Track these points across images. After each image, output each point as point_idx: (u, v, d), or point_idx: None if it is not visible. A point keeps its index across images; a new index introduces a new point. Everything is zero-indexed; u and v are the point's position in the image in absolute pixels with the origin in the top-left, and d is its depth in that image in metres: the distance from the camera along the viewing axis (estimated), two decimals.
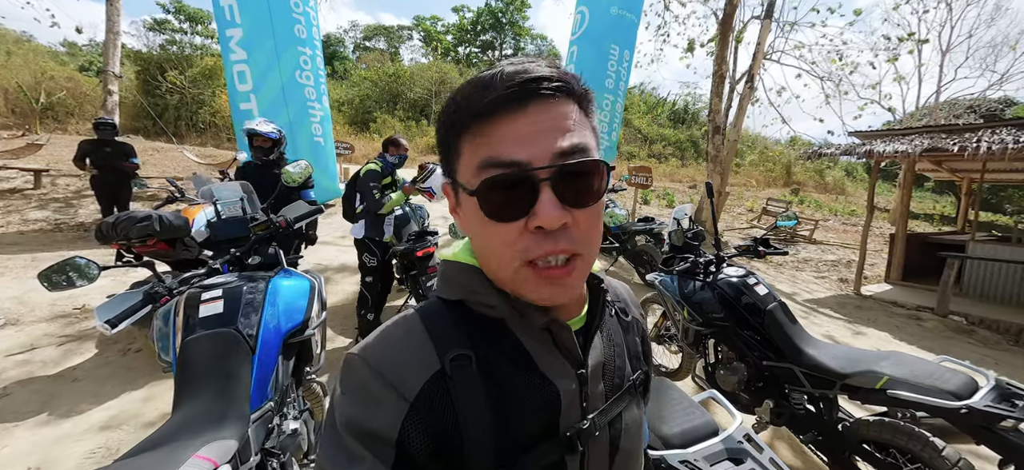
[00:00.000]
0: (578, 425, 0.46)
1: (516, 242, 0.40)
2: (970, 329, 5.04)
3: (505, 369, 0.44)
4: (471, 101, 0.41)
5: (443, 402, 0.41)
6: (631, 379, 0.54)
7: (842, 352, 1.87)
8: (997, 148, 4.70)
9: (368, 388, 0.41)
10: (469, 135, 0.41)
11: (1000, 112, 21.14)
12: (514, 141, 0.39)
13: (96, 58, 28.10)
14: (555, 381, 0.46)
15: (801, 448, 2.25)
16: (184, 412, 1.10)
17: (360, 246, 3.18)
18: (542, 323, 0.45)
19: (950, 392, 1.50)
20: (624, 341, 0.55)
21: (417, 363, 0.42)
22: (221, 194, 1.75)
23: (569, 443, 0.45)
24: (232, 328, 1.31)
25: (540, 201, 0.39)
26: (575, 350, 0.47)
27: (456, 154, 0.44)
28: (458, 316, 0.47)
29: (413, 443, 0.40)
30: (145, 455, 0.90)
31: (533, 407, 0.44)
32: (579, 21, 7.70)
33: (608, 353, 0.52)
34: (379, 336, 0.46)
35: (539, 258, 0.40)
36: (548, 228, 0.39)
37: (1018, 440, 1.41)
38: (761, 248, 2.39)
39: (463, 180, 0.43)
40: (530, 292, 0.43)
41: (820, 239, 10.71)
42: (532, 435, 0.44)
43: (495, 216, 0.40)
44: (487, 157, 0.40)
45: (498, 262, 0.43)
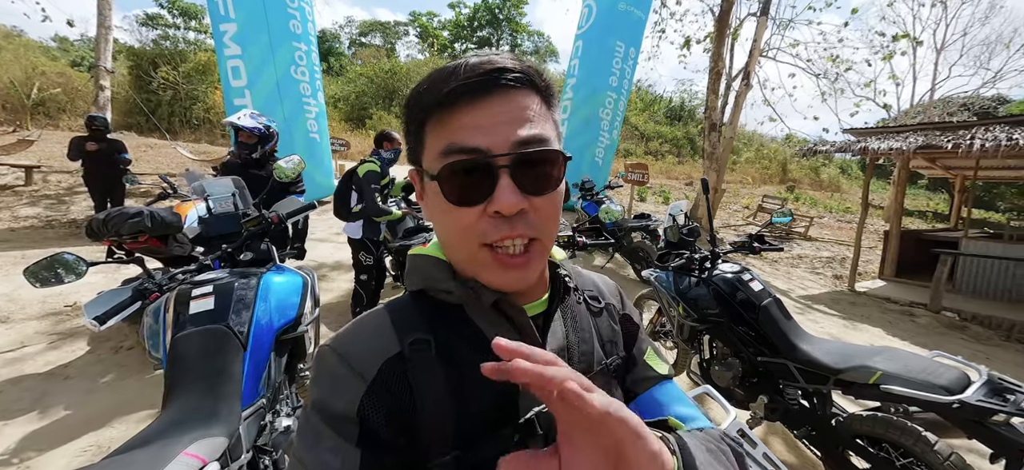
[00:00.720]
0: (538, 409, 0.46)
1: (475, 225, 0.42)
2: (963, 325, 5.08)
3: (463, 352, 0.46)
4: (434, 90, 0.42)
5: (400, 382, 0.43)
6: (603, 363, 0.55)
7: (836, 348, 1.88)
8: (990, 146, 4.73)
9: (333, 372, 0.44)
10: (432, 123, 0.43)
11: (993, 110, 21.30)
12: (475, 129, 0.41)
13: (88, 53, 27.78)
14: None
15: (795, 443, 2.26)
16: (174, 409, 1.09)
17: (357, 245, 3.14)
18: (491, 299, 0.47)
19: (942, 387, 1.51)
20: (594, 326, 0.56)
21: (377, 347, 0.45)
22: (213, 189, 1.73)
23: (528, 427, 0.45)
24: (223, 324, 1.29)
25: (499, 187, 0.41)
26: (533, 334, 0.49)
27: (420, 142, 0.45)
28: (420, 305, 0.49)
29: (372, 420, 0.41)
30: (133, 452, 0.89)
31: (490, 390, 0.43)
32: (586, 16, 7.64)
33: (572, 338, 0.52)
34: (349, 327, 0.48)
35: (496, 242, 0.42)
36: (506, 213, 0.41)
37: (1009, 434, 1.42)
38: (756, 244, 2.40)
39: (426, 166, 0.44)
40: (488, 275, 0.45)
41: (815, 236, 10.76)
42: (492, 418, 0.45)
43: (455, 201, 0.42)
44: (448, 144, 0.42)
45: (458, 245, 0.45)
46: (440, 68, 0.43)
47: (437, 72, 0.43)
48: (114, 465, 0.83)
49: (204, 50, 20.24)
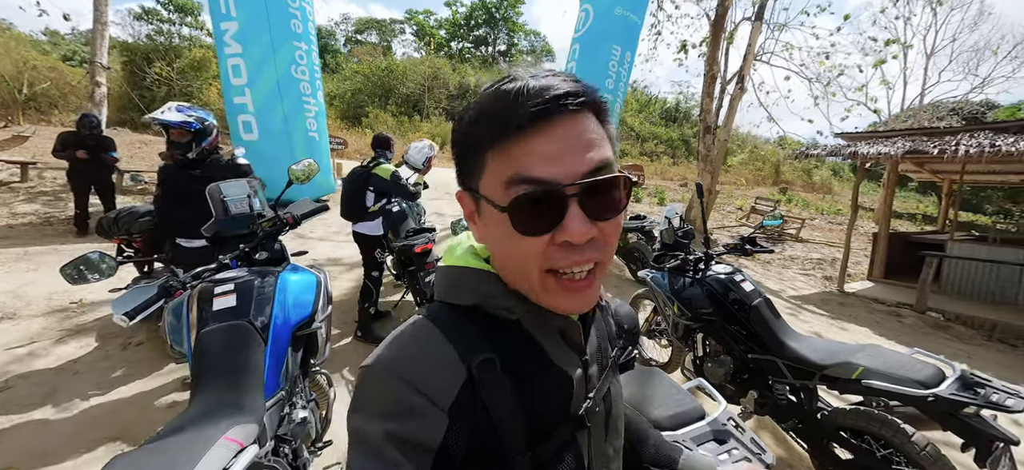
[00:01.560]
0: (586, 405, 0.51)
1: (542, 254, 0.42)
2: (947, 325, 5.24)
3: (526, 366, 0.47)
4: (497, 116, 0.41)
5: (476, 406, 0.43)
6: (611, 357, 0.60)
7: (821, 345, 1.98)
8: (974, 151, 4.88)
9: (402, 401, 0.42)
10: (495, 150, 0.42)
11: (982, 115, 21.70)
12: (542, 159, 0.40)
13: (80, 47, 27.46)
14: (567, 370, 0.50)
15: (783, 437, 2.36)
16: (203, 400, 1.16)
17: (374, 242, 3.27)
18: (559, 325, 0.50)
19: (919, 381, 1.61)
20: (604, 324, 0.62)
21: (445, 371, 0.43)
22: (228, 191, 1.80)
23: (580, 421, 0.50)
24: (245, 320, 1.36)
25: (569, 216, 0.41)
26: (580, 341, 0.53)
27: (478, 166, 0.44)
28: (474, 321, 0.48)
29: (454, 450, 0.41)
30: (172, 438, 0.96)
31: (552, 397, 0.49)
32: (583, 19, 7.73)
33: (597, 338, 0.58)
34: (398, 346, 0.46)
35: (564, 269, 0.43)
36: (576, 243, 0.41)
37: (979, 425, 1.53)
38: (748, 246, 2.50)
39: (488, 193, 0.44)
40: (552, 300, 0.45)
41: (806, 238, 10.95)
42: (552, 419, 0.48)
43: (524, 231, 0.41)
44: (515, 173, 0.41)
45: (522, 273, 0.45)
46: (497, 91, 0.42)
47: (496, 96, 0.42)
48: (159, 450, 0.91)
49: (199, 46, 20.09)
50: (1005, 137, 4.97)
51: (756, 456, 1.05)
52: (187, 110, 2.36)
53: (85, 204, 5.25)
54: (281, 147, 6.85)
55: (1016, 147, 4.64)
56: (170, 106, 2.35)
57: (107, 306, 3.27)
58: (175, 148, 2.36)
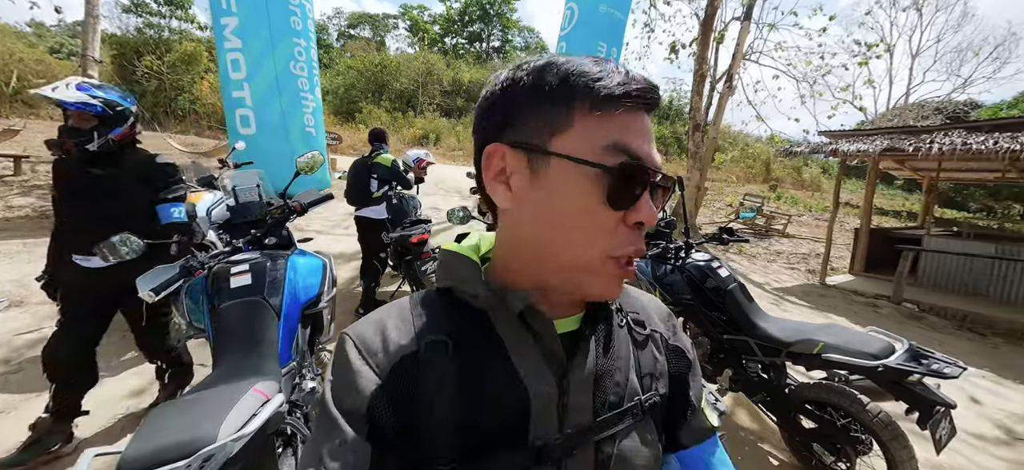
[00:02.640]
0: (550, 438, 0.43)
1: (614, 232, 0.41)
2: (921, 315, 5.48)
3: (479, 361, 0.44)
4: (604, 79, 0.40)
5: (410, 383, 0.42)
6: (637, 398, 0.49)
7: (788, 325, 2.16)
8: (947, 149, 5.11)
9: (350, 364, 0.43)
10: (593, 112, 0.40)
11: (965, 114, 22.24)
12: (642, 139, 0.41)
13: (67, 40, 27.03)
14: (528, 383, 0.43)
15: (756, 412, 2.54)
16: (226, 364, 1.30)
17: (378, 225, 3.51)
18: (520, 305, 0.43)
19: (872, 354, 1.79)
20: (634, 355, 0.51)
21: (395, 343, 0.44)
22: (239, 181, 1.92)
23: (537, 455, 0.43)
24: (260, 297, 1.50)
25: (645, 200, 0.41)
26: (558, 352, 0.45)
27: (557, 120, 0.41)
28: (446, 304, 0.47)
29: (381, 419, 0.41)
30: (208, 391, 1.09)
31: (500, 405, 0.43)
32: (568, 17, 7.88)
33: (605, 365, 0.48)
34: (371, 317, 0.48)
35: (627, 256, 0.42)
36: (650, 225, 0.42)
37: (922, 392, 1.71)
38: (726, 236, 2.66)
39: (575, 152, 0.40)
40: (601, 285, 0.43)
41: (793, 233, 11.23)
42: (499, 436, 0.43)
43: (612, 200, 0.40)
44: (617, 142, 0.40)
45: (582, 244, 0.41)
46: (594, 61, 0.41)
47: (594, 63, 0.41)
48: (198, 400, 1.04)
49: (190, 40, 19.91)
50: (977, 136, 5.20)
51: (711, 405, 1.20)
52: (90, 89, 1.78)
53: None
54: (278, 141, 6.93)
55: (985, 145, 4.87)
56: (70, 81, 1.80)
57: None
58: (73, 135, 1.76)
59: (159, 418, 0.95)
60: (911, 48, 21.64)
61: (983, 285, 6.16)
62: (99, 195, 1.82)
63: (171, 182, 1.96)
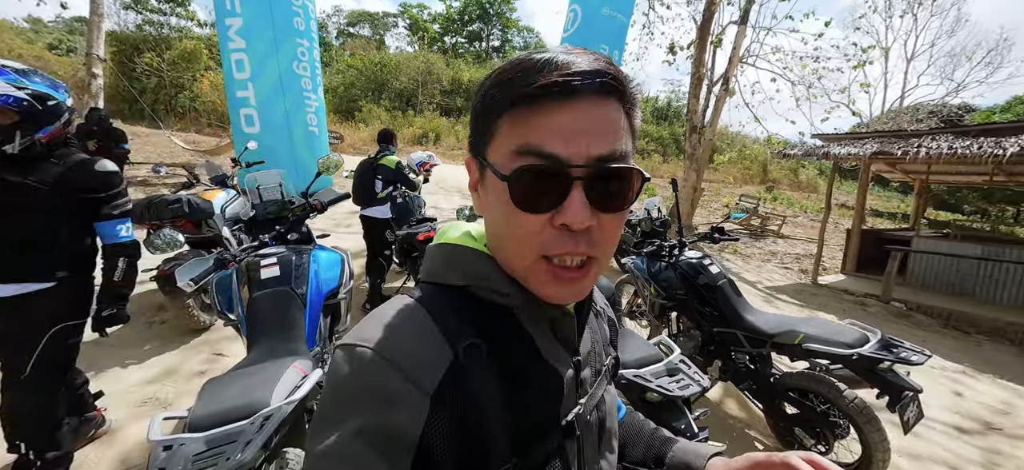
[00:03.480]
0: (577, 411, 0.47)
1: (538, 235, 0.40)
2: (909, 314, 5.66)
3: (514, 357, 0.44)
4: (517, 82, 0.39)
5: (462, 395, 0.40)
6: (605, 364, 0.57)
7: (773, 317, 2.31)
8: (934, 153, 5.28)
9: (379, 385, 0.38)
10: (509, 116, 0.40)
11: (958, 118, 22.50)
12: (554, 133, 0.38)
13: (65, 36, 27.00)
14: (558, 368, 0.47)
15: (744, 400, 2.69)
16: (261, 347, 1.44)
17: (383, 224, 3.66)
18: (554, 313, 0.46)
19: (847, 344, 1.95)
20: (598, 328, 0.58)
21: (432, 354, 0.40)
22: (262, 180, 2.05)
23: (569, 429, 0.46)
24: (288, 287, 1.64)
25: (570, 199, 0.38)
26: (573, 339, 0.49)
27: (490, 132, 0.42)
28: (462, 302, 0.45)
29: (435, 442, 0.38)
30: (252, 367, 1.23)
31: (540, 395, 0.45)
32: (571, 19, 8.00)
33: (591, 340, 0.54)
34: (381, 323, 0.42)
35: (556, 256, 0.40)
36: (574, 228, 0.39)
37: (892, 379, 1.86)
38: (717, 235, 2.82)
39: (494, 160, 0.41)
40: (541, 287, 0.42)
41: (788, 234, 11.41)
42: (539, 424, 0.44)
43: (522, 205, 0.39)
44: (524, 144, 0.39)
45: (514, 251, 0.42)
46: (524, 59, 0.40)
47: (520, 64, 0.40)
48: (243, 375, 1.18)
49: (190, 37, 19.95)
50: (963, 140, 5.37)
51: (696, 381, 1.36)
52: (14, 76, 1.42)
53: None
54: (282, 140, 7.05)
55: (971, 150, 5.04)
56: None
57: None
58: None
59: (217, 387, 1.09)
60: (906, 52, 21.93)
61: (969, 285, 6.34)
62: (16, 210, 1.44)
63: (114, 194, 1.61)
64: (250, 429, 0.91)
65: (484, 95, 0.42)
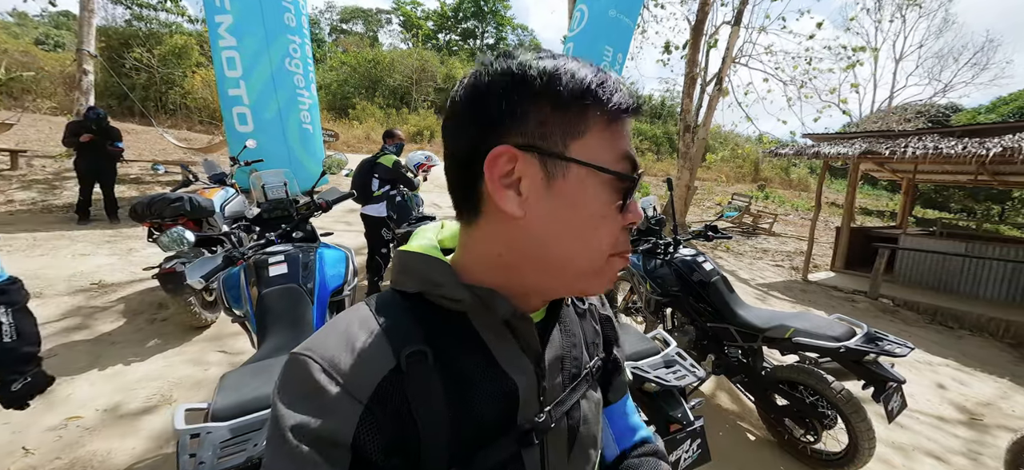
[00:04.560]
0: (535, 419, 0.47)
1: (616, 234, 0.44)
2: (895, 310, 5.80)
3: (463, 365, 0.44)
4: (614, 92, 0.42)
5: (398, 400, 0.40)
6: (587, 367, 0.55)
7: (764, 312, 2.39)
8: (920, 153, 5.42)
9: (319, 389, 0.39)
10: (604, 122, 0.42)
11: (945, 118, 22.92)
12: (631, 147, 0.45)
13: (52, 31, 26.51)
14: (513, 375, 0.46)
15: (737, 393, 2.78)
16: (273, 341, 1.48)
17: (379, 222, 3.68)
18: (507, 313, 0.45)
19: (835, 337, 2.03)
20: (580, 330, 0.57)
21: (372, 361, 0.40)
22: (267, 180, 2.08)
23: (525, 437, 0.46)
24: (296, 284, 1.68)
25: (632, 202, 0.44)
26: (535, 343, 0.48)
27: (573, 128, 0.41)
28: (414, 309, 0.45)
29: (368, 446, 0.38)
30: (265, 362, 1.28)
31: (491, 402, 0.44)
32: (578, 19, 8.04)
33: (565, 345, 0.53)
34: (328, 331, 0.43)
35: (624, 252, 0.45)
36: (638, 225, 0.48)
37: (876, 370, 1.95)
38: (710, 233, 2.89)
39: (594, 159, 0.41)
40: (602, 282, 0.46)
41: (779, 232, 11.58)
42: (490, 430, 0.44)
43: (619, 205, 0.43)
44: (626, 151, 0.43)
45: (593, 251, 0.44)
46: (599, 69, 0.43)
47: (600, 71, 0.43)
48: (257, 370, 1.21)
49: (181, 33, 19.70)
50: (948, 140, 5.51)
51: (692, 372, 1.43)
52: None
53: (89, 193, 5.39)
54: (276, 139, 7.03)
55: (955, 150, 5.18)
56: None
57: (125, 287, 3.49)
58: None
59: (235, 380, 1.13)
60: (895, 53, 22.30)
61: (954, 282, 6.51)
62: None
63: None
64: None
65: (563, 87, 0.40)
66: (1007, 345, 4.96)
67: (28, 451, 1.82)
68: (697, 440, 1.42)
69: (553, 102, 0.41)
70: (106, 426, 2.01)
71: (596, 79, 0.42)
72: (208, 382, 2.41)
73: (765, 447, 2.38)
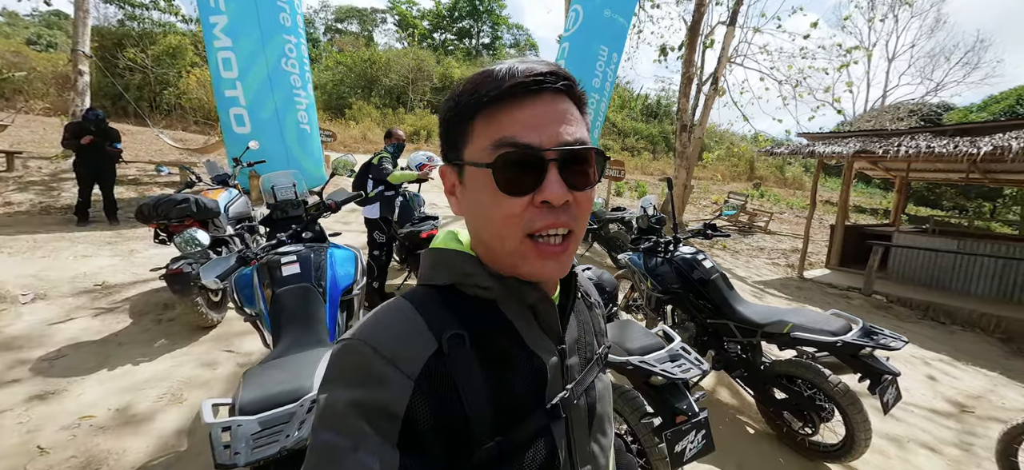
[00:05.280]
0: (562, 395, 0.51)
1: (522, 215, 0.45)
2: (889, 306, 5.90)
3: (497, 346, 0.48)
4: (485, 88, 0.45)
5: (443, 379, 0.44)
6: (597, 353, 0.61)
7: (763, 308, 2.45)
8: (913, 152, 5.52)
9: (371, 368, 0.43)
10: (482, 118, 0.46)
11: (937, 116, 23.18)
12: (526, 126, 0.45)
13: (44, 31, 26.23)
14: (541, 355, 0.51)
15: (736, 388, 2.84)
16: (289, 339, 1.51)
17: (372, 224, 3.64)
18: (533, 298, 0.50)
19: (832, 332, 2.09)
20: (590, 319, 0.63)
21: (416, 343, 0.45)
22: (276, 181, 2.12)
23: (553, 412, 0.50)
24: (309, 283, 1.71)
25: (548, 179, 0.45)
26: (557, 327, 0.53)
27: (464, 136, 0.48)
28: (449, 300, 0.50)
29: (419, 419, 0.42)
30: (284, 359, 1.31)
31: (523, 380, 0.49)
32: (573, 19, 8.08)
33: (580, 329, 0.59)
34: (373, 321, 0.48)
35: (540, 231, 0.46)
36: (554, 203, 0.45)
37: (872, 363, 2.01)
38: (710, 231, 2.95)
39: (473, 157, 0.47)
40: (528, 265, 0.47)
41: (775, 230, 11.70)
42: (522, 407, 0.48)
43: (507, 189, 0.45)
44: (501, 137, 0.45)
45: (501, 235, 0.47)
46: (486, 70, 0.47)
47: (485, 73, 0.47)
48: (279, 366, 1.25)
49: (175, 33, 19.56)
50: (941, 139, 5.61)
51: (697, 366, 1.48)
52: None
53: (88, 194, 5.37)
54: (273, 139, 7.01)
55: (947, 148, 5.27)
56: None
57: (128, 288, 3.50)
58: None
59: (257, 376, 1.16)
60: (887, 52, 22.54)
61: (946, 279, 6.62)
62: None
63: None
64: (301, 411, 0.99)
65: (455, 104, 0.48)
66: (998, 340, 5.07)
67: (43, 450, 1.85)
68: (702, 431, 1.47)
69: (449, 123, 0.50)
70: (118, 425, 2.04)
71: (472, 85, 0.47)
72: (217, 381, 2.44)
73: (764, 439, 2.44)
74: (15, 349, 2.54)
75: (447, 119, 0.50)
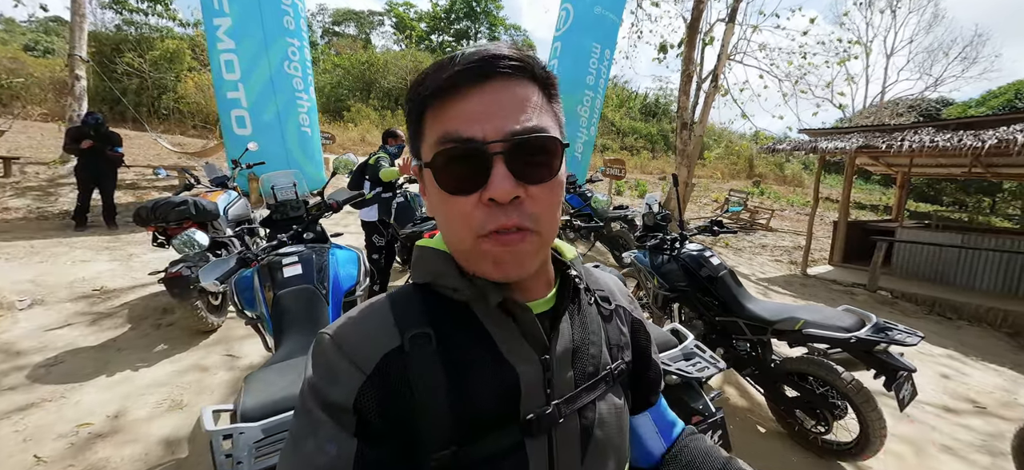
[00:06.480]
0: (540, 410, 0.46)
1: (471, 215, 0.42)
2: (894, 302, 5.86)
3: (465, 350, 0.46)
4: (430, 80, 0.42)
5: (399, 375, 0.43)
6: (609, 368, 0.54)
7: (773, 305, 2.41)
8: (916, 146, 5.48)
9: (330, 362, 0.44)
10: (430, 113, 0.43)
11: (937, 111, 23.19)
12: (469, 119, 0.41)
13: (41, 36, 26.20)
14: (515, 365, 0.46)
15: (745, 386, 2.79)
16: (292, 341, 1.47)
17: (371, 227, 3.58)
18: (498, 299, 0.45)
19: (845, 328, 2.05)
20: (603, 329, 0.55)
21: (377, 339, 0.44)
22: (277, 181, 2.07)
23: (527, 427, 0.46)
24: (311, 285, 1.67)
25: (492, 174, 0.40)
26: (539, 334, 0.48)
27: (419, 134, 0.45)
28: (425, 298, 0.48)
29: (368, 412, 0.42)
30: (286, 362, 1.27)
31: (491, 389, 0.45)
32: (564, 18, 8.08)
33: (579, 339, 0.52)
34: (347, 316, 0.48)
35: (491, 232, 0.41)
36: (500, 200, 0.41)
37: (887, 359, 1.97)
38: (716, 228, 2.91)
39: (425, 156, 0.44)
40: (486, 265, 0.44)
41: (776, 227, 11.67)
42: (491, 417, 0.45)
43: (450, 189, 0.42)
44: (443, 133, 0.42)
45: (457, 237, 0.44)
46: (436, 61, 0.44)
47: (436, 62, 0.43)
48: (280, 370, 1.21)
49: (172, 37, 19.55)
50: (943, 134, 5.57)
51: (712, 364, 1.44)
52: None
53: (88, 198, 5.34)
54: (274, 141, 6.99)
55: (951, 143, 5.24)
56: None
57: (127, 292, 3.46)
58: None
59: (260, 381, 1.12)
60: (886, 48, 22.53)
61: (950, 273, 6.58)
62: None
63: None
64: None
65: (409, 102, 0.46)
66: (1006, 334, 5.02)
67: (40, 459, 1.80)
68: (718, 430, 1.43)
69: (408, 120, 0.48)
70: (116, 432, 1.99)
71: (419, 79, 0.44)
72: (217, 386, 2.39)
73: (775, 438, 2.39)
74: (12, 355, 2.50)
75: (406, 116, 0.48)
